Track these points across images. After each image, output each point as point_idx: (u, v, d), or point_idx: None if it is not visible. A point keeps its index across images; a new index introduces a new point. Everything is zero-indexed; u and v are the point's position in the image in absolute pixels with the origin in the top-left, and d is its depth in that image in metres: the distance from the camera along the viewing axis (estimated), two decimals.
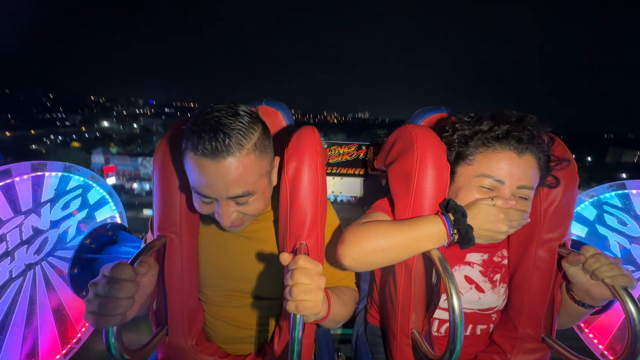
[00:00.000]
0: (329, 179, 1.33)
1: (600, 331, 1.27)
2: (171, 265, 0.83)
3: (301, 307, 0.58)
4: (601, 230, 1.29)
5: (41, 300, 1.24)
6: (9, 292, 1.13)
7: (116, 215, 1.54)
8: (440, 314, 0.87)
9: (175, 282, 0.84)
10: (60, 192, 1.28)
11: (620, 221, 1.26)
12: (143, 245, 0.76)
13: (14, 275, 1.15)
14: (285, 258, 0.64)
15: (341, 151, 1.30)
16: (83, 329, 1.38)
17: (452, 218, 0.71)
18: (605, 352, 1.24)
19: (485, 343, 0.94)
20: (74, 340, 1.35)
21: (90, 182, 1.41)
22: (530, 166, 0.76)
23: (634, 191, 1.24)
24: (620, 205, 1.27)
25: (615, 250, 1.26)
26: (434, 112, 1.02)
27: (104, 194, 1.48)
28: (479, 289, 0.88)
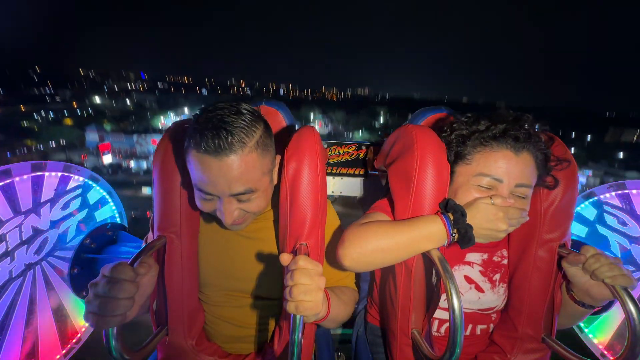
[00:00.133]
0: (329, 179, 1.33)
1: (600, 331, 1.27)
2: (171, 265, 0.83)
3: (301, 308, 0.58)
4: (601, 230, 1.29)
5: (41, 300, 1.24)
6: (9, 292, 1.13)
7: (116, 215, 1.55)
8: (440, 314, 0.87)
9: (175, 282, 0.84)
10: (60, 192, 1.28)
11: (620, 221, 1.26)
12: (143, 246, 0.76)
13: (13, 275, 1.15)
14: (285, 258, 0.64)
15: (341, 151, 1.30)
16: (83, 329, 1.38)
17: (452, 218, 0.71)
18: (605, 352, 1.24)
19: (485, 343, 0.94)
20: (74, 340, 1.35)
21: (90, 182, 1.41)
22: (528, 164, 0.77)
23: (634, 191, 1.24)
24: (620, 206, 1.27)
25: (616, 250, 1.26)
26: (434, 112, 1.02)
27: (104, 194, 1.48)
28: (479, 288, 0.88)
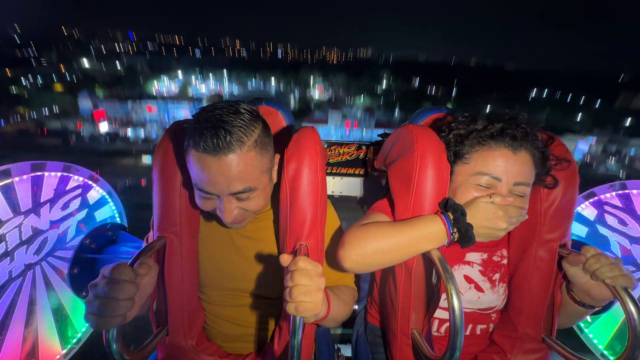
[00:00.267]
0: (329, 179, 1.33)
1: (600, 331, 1.27)
2: (171, 265, 0.83)
3: (301, 309, 0.58)
4: (602, 230, 1.29)
5: (41, 300, 1.24)
6: (9, 293, 1.13)
7: (116, 215, 1.54)
8: (440, 314, 0.87)
9: (175, 283, 0.84)
10: (60, 192, 1.28)
11: (620, 221, 1.26)
12: (143, 246, 0.76)
13: (13, 276, 1.15)
14: (285, 259, 0.64)
15: (341, 151, 1.30)
16: (83, 329, 1.38)
17: (452, 217, 0.71)
18: (605, 352, 1.24)
19: (485, 343, 0.94)
20: (74, 340, 1.35)
21: (90, 182, 1.41)
22: (526, 163, 0.77)
23: (634, 191, 1.24)
24: (620, 206, 1.27)
25: (616, 250, 1.26)
26: (434, 112, 1.02)
27: (104, 193, 1.48)
28: (478, 288, 0.88)
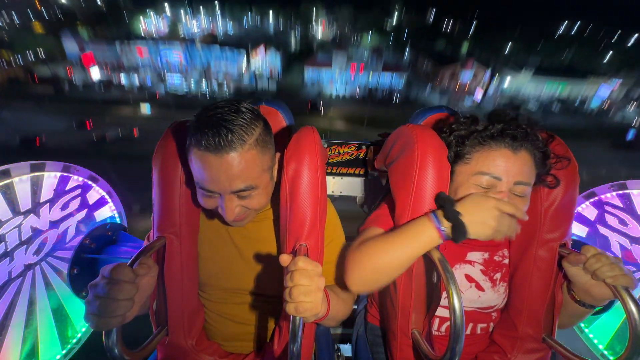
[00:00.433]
0: (329, 179, 1.33)
1: (601, 331, 1.27)
2: (171, 265, 0.83)
3: (301, 309, 0.58)
4: (602, 230, 1.29)
5: (41, 300, 1.24)
6: (9, 293, 1.13)
7: (115, 215, 1.54)
8: (441, 312, 0.87)
9: (175, 283, 0.83)
10: (59, 192, 1.28)
11: (621, 221, 1.25)
12: (143, 246, 0.76)
13: (13, 276, 1.14)
14: (284, 259, 0.64)
15: (341, 151, 1.30)
16: (83, 329, 1.38)
17: (442, 212, 0.70)
18: (605, 352, 1.24)
19: (485, 343, 0.94)
20: (74, 340, 1.35)
21: (90, 182, 1.41)
22: (526, 163, 0.77)
23: (635, 191, 1.24)
24: (621, 206, 1.26)
25: (616, 250, 1.26)
26: (434, 112, 1.02)
27: (103, 193, 1.48)
28: (479, 287, 0.88)
